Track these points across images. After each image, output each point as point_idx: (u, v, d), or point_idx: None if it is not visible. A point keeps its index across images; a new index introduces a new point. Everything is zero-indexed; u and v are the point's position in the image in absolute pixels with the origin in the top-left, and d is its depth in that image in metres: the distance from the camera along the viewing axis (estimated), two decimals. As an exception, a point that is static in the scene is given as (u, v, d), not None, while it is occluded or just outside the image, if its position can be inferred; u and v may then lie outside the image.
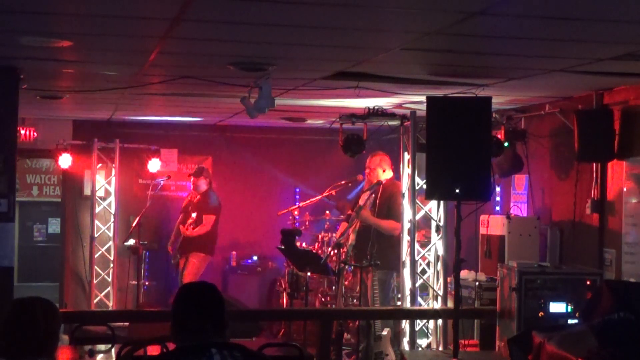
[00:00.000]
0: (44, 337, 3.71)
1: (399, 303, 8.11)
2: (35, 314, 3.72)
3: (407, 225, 7.81)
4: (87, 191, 11.56)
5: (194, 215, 10.73)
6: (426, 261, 8.15)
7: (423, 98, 6.98)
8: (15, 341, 3.66)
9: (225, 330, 3.38)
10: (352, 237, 8.41)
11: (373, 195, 8.50)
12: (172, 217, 11.52)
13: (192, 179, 10.92)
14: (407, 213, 7.83)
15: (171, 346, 3.68)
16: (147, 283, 11.32)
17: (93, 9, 4.56)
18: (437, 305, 7.76)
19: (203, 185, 10.88)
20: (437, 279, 7.88)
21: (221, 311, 3.39)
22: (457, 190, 6.46)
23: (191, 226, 10.72)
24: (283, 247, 9.03)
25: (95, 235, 11.34)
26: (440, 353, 7.19)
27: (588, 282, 6.65)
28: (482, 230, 8.54)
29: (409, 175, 7.83)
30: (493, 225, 8.36)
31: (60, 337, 4.04)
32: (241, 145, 12.12)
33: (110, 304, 11.30)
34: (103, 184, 11.44)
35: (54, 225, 15.06)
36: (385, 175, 8.56)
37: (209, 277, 10.85)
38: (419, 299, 7.98)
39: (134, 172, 11.64)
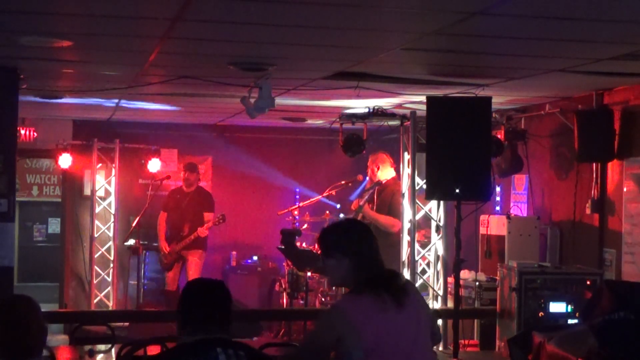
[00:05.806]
0: (35, 335, 3.68)
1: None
2: (19, 316, 3.67)
3: (407, 225, 7.81)
4: (87, 191, 11.54)
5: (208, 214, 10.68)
6: (426, 261, 8.15)
7: (423, 98, 6.99)
8: (8, 344, 3.63)
9: (230, 327, 3.38)
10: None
11: (373, 193, 8.51)
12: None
13: (184, 173, 10.66)
14: (407, 213, 7.82)
15: (171, 346, 3.67)
16: (147, 283, 11.30)
17: (93, 9, 4.56)
18: (437, 305, 7.76)
19: (196, 181, 10.79)
20: (437, 279, 7.87)
21: (228, 306, 3.40)
22: (457, 190, 6.47)
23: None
24: (283, 247, 9.03)
25: (95, 235, 11.32)
26: (440, 353, 7.18)
27: (588, 282, 6.66)
28: (482, 230, 8.54)
29: (409, 175, 7.83)
30: (493, 225, 8.36)
31: (49, 330, 4.01)
32: (241, 145, 12.10)
33: (110, 304, 11.29)
34: (103, 184, 11.42)
35: (54, 225, 15.03)
36: (386, 174, 8.55)
37: (209, 276, 10.82)
38: (419, 299, 7.97)
39: (134, 172, 11.62)
